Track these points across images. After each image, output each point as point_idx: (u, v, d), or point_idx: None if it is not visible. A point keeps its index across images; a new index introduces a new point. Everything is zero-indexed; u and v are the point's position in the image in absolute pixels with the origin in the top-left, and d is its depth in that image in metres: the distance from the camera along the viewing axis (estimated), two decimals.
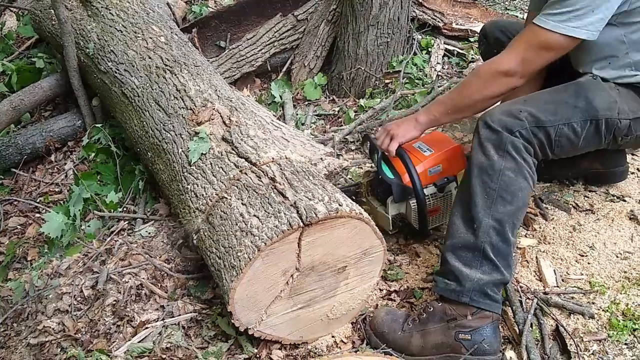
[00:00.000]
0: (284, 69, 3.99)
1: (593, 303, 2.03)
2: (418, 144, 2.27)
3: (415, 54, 3.79)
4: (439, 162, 2.22)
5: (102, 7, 3.20)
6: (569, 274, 2.16)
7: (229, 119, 2.37)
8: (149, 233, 2.64)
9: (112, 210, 2.88)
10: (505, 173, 1.84)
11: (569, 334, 1.92)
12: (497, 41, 2.46)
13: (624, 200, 2.43)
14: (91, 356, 1.99)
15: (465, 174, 1.94)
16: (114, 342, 2.10)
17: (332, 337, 2.07)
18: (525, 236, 2.35)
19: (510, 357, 1.89)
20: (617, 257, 2.19)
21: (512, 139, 1.85)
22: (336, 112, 3.64)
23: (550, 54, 1.91)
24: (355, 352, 1.99)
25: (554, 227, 2.35)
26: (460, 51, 3.84)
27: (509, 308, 2.03)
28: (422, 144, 2.27)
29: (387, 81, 3.70)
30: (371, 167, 2.93)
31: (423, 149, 2.24)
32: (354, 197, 2.43)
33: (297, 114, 3.62)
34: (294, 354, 2.01)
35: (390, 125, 2.24)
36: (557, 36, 1.85)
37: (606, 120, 1.94)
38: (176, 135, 2.43)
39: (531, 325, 1.96)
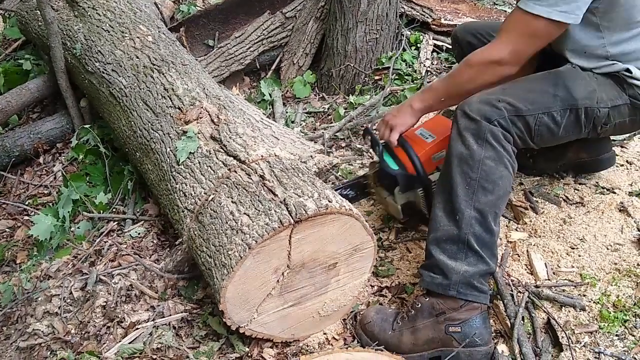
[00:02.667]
0: (273, 67, 3.98)
1: (584, 295, 2.03)
2: (420, 130, 2.26)
3: (404, 50, 3.78)
4: (442, 147, 2.20)
5: (88, 7, 3.18)
6: (559, 267, 2.16)
7: (218, 117, 2.36)
8: (139, 233, 2.63)
9: (101, 212, 2.86)
10: (485, 162, 1.84)
11: (560, 327, 1.92)
12: (468, 45, 2.42)
13: (614, 192, 2.43)
14: (81, 358, 1.97)
15: (445, 164, 1.93)
16: (104, 343, 2.08)
17: (324, 334, 2.07)
18: (516, 230, 2.35)
19: (502, 351, 1.89)
20: (608, 249, 2.19)
21: (491, 127, 1.85)
22: (326, 110, 3.64)
23: (540, 40, 1.89)
24: (347, 348, 1.99)
25: (544, 221, 2.35)
26: (449, 46, 3.81)
27: (500, 302, 2.03)
28: (424, 130, 2.26)
29: (376, 77, 3.69)
30: (373, 158, 2.96)
31: (425, 136, 2.23)
32: (362, 189, 2.47)
33: (286, 112, 3.61)
34: (286, 352, 2.00)
35: (388, 115, 2.23)
36: (545, 22, 1.83)
37: (585, 109, 1.94)
38: (164, 134, 2.41)
39: (522, 319, 1.96)
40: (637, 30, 1.95)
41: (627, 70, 1.97)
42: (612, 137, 2.49)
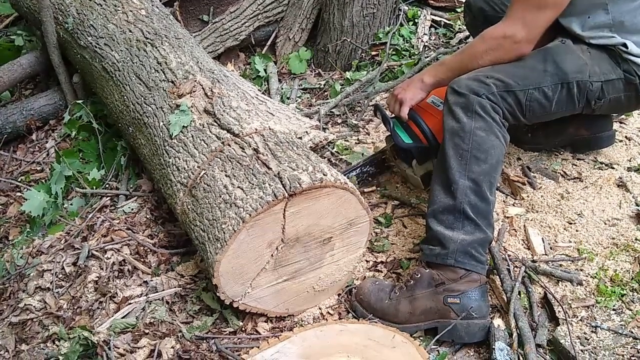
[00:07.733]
0: (269, 43, 3.92)
1: (581, 270, 2.02)
2: (431, 98, 2.22)
3: (401, 25, 3.72)
4: None
5: None
6: (557, 242, 2.14)
7: (211, 90, 2.32)
8: (132, 209, 2.59)
9: (94, 188, 2.83)
10: (476, 133, 1.87)
11: (557, 301, 1.91)
12: (480, 11, 2.43)
13: (612, 168, 2.41)
14: (73, 333, 1.95)
15: (441, 142, 1.95)
16: (96, 318, 2.07)
17: (319, 309, 2.05)
18: (513, 205, 2.33)
19: (498, 325, 1.88)
20: (606, 224, 2.17)
21: (479, 99, 1.88)
22: (322, 86, 3.59)
23: (549, 10, 1.88)
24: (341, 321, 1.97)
25: (542, 196, 2.33)
26: (447, 22, 3.77)
27: (497, 277, 2.01)
28: (435, 97, 2.22)
29: (373, 53, 3.64)
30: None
31: (437, 104, 2.19)
32: (382, 164, 2.52)
33: (282, 88, 3.56)
34: (280, 327, 1.99)
35: (397, 89, 2.22)
36: None
37: (577, 82, 1.96)
38: (157, 108, 2.38)
39: (519, 294, 1.94)
40: None
41: (624, 45, 1.96)
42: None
